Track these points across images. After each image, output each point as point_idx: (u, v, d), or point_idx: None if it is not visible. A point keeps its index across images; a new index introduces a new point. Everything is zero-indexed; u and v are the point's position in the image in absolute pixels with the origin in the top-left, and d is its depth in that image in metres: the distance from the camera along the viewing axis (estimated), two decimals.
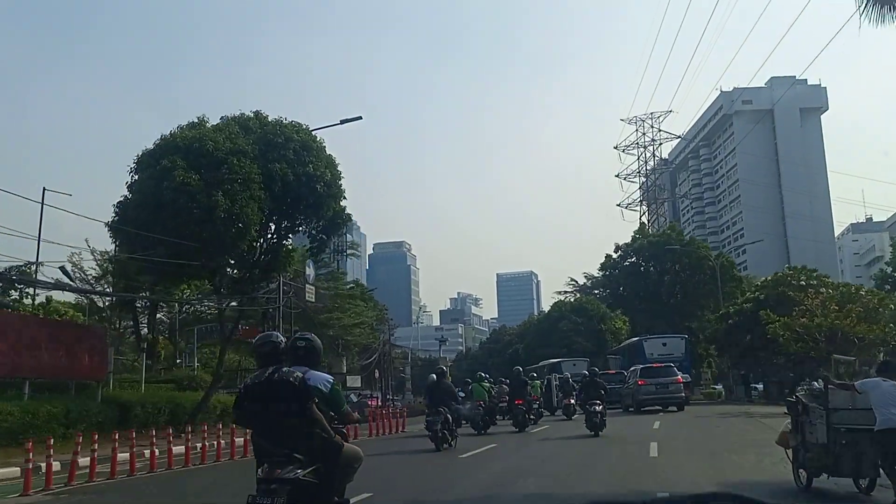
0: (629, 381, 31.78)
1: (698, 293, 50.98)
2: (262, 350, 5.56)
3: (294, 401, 5.26)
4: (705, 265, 49.85)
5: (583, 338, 68.24)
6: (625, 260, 53.15)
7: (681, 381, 29.61)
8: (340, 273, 61.66)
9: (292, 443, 5.26)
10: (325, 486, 5.40)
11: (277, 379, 5.30)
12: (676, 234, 53.94)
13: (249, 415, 5.46)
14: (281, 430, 5.29)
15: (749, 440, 16.27)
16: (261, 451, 5.42)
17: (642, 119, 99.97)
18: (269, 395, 5.30)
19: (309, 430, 5.33)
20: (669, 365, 30.65)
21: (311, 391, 5.41)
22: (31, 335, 20.19)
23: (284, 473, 5.17)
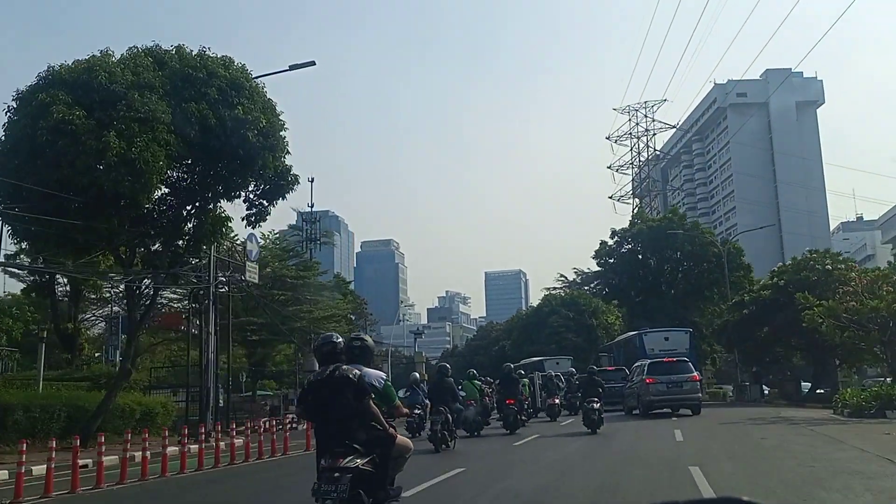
0: (633, 378, 26.55)
1: (702, 283, 45.89)
2: (324, 350, 6.16)
3: (353, 396, 5.81)
4: (710, 252, 44.71)
5: (573, 333, 62.88)
6: (621, 246, 47.85)
7: (697, 379, 24.42)
8: (314, 263, 56.16)
9: (351, 434, 5.75)
10: (380, 475, 5.86)
11: (338, 376, 5.87)
12: (678, 218, 48.61)
13: (312, 409, 6.10)
14: (341, 423, 5.79)
15: (830, 461, 10.97)
16: (322, 442, 5.93)
17: (636, 108, 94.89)
18: (330, 390, 5.86)
19: (366, 422, 5.85)
20: (684, 359, 25.47)
21: (368, 387, 5.98)
22: None
23: (346, 462, 5.62)
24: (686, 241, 45.57)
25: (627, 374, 31.56)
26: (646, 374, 24.55)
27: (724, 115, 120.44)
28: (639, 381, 25.45)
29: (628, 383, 27.56)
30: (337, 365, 5.92)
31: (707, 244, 45.10)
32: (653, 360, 25.74)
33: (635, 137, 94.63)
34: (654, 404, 24.17)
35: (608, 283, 49.31)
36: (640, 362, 26.78)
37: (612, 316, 67.61)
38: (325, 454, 5.77)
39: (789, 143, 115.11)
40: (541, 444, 17.39)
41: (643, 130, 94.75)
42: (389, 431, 6.01)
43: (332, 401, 5.79)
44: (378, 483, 5.82)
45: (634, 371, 26.91)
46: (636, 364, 27.18)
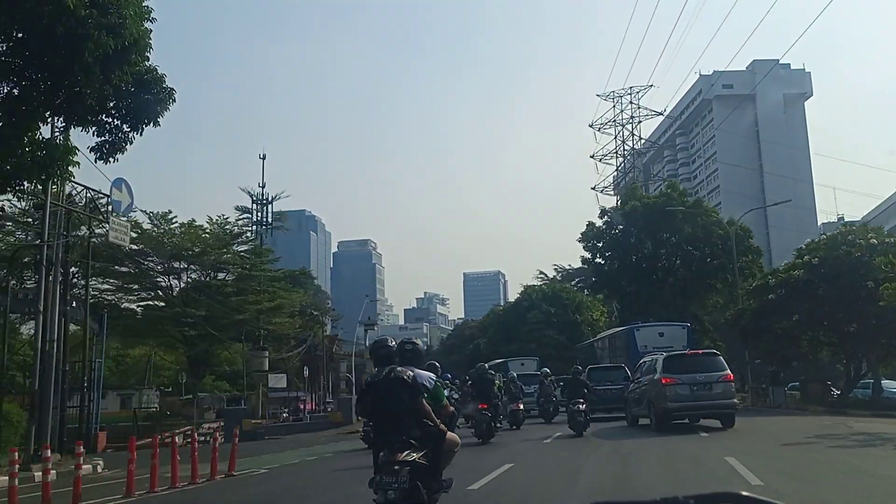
0: (640, 378, 19.77)
1: (704, 270, 39.32)
2: (380, 353, 6.68)
3: (408, 395, 6.25)
4: (714, 234, 38.13)
5: (555, 330, 56.46)
6: (612, 228, 41.05)
7: (731, 379, 17.64)
8: (265, 250, 49.02)
9: (407, 431, 6.18)
10: (432, 468, 6.29)
11: (394, 377, 6.32)
12: (678, 194, 41.87)
13: (371, 408, 6.61)
14: (398, 420, 6.23)
15: None
16: (380, 438, 6.36)
17: (620, 94, 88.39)
18: (387, 390, 6.31)
19: (419, 419, 6.27)
20: (713, 352, 18.65)
21: (421, 387, 6.38)
22: None
23: (404, 457, 5.99)
24: (686, 222, 38.99)
25: (628, 374, 24.90)
26: (661, 371, 17.74)
27: (710, 107, 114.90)
28: (649, 382, 18.66)
29: (631, 384, 20.74)
30: (392, 367, 6.47)
31: (711, 225, 38.48)
32: (671, 354, 18.91)
33: (620, 125, 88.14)
34: (673, 413, 17.39)
35: (597, 270, 42.51)
36: (651, 356, 19.99)
37: (597, 311, 61.19)
38: (383, 449, 6.17)
39: (777, 135, 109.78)
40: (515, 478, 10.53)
41: (628, 118, 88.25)
42: (441, 427, 6.45)
43: (389, 400, 6.32)
44: (431, 475, 6.27)
45: (641, 368, 20.12)
46: (644, 359, 20.38)
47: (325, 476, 13.65)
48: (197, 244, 45.64)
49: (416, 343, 7.14)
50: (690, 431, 17.15)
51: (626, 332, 32.78)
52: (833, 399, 28.38)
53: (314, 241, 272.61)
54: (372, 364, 6.65)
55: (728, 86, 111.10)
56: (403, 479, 5.86)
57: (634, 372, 20.80)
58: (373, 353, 6.86)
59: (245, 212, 49.34)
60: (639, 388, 19.77)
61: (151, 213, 46.23)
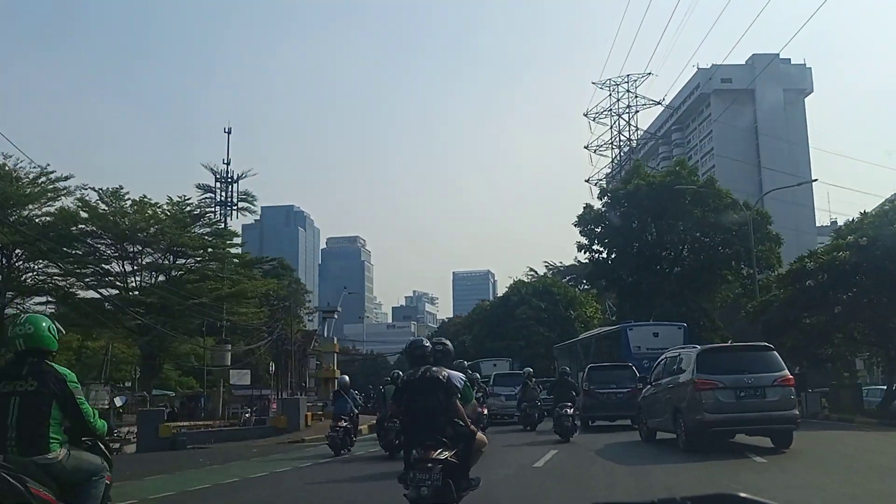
0: (660, 380, 15.10)
1: (715, 259, 34.62)
2: (416, 353, 6.88)
3: (443, 395, 6.43)
4: (727, 218, 33.46)
5: (545, 327, 51.80)
6: (615, 209, 36.13)
7: (791, 383, 12.88)
8: (230, 232, 44.01)
9: (440, 429, 6.33)
10: (462, 466, 6.40)
11: (429, 377, 6.53)
12: (688, 172, 37.09)
13: (406, 406, 6.67)
14: (432, 418, 6.38)
15: None
16: (414, 436, 6.51)
17: (616, 82, 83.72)
18: (422, 390, 6.50)
19: (451, 419, 6.41)
20: (766, 346, 13.79)
21: (455, 387, 6.51)
22: None
23: (437, 455, 6.13)
24: (696, 204, 34.33)
25: (636, 375, 20.55)
26: (694, 370, 13.04)
27: (707, 101, 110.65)
28: (674, 385, 13.97)
29: (647, 387, 16.04)
30: (427, 367, 6.68)
31: (724, 208, 33.76)
32: (708, 347, 14.05)
33: (616, 115, 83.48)
34: (711, 429, 12.67)
35: (594, 258, 37.63)
36: (678, 350, 15.22)
37: (591, 308, 56.58)
38: (416, 447, 6.32)
39: (776, 132, 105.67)
40: None
41: (625, 107, 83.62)
42: (471, 427, 6.59)
43: (424, 399, 6.48)
44: (461, 473, 6.39)
45: (662, 366, 15.42)
46: (667, 355, 15.62)
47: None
48: (152, 224, 40.75)
49: (446, 343, 7.35)
50: (734, 453, 12.51)
51: (618, 332, 28.92)
52: (872, 409, 23.78)
53: (302, 236, 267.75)
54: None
55: (727, 80, 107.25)
56: (436, 477, 6.06)
57: (652, 374, 16.06)
58: (408, 353, 7.16)
59: (207, 191, 44.30)
60: (658, 393, 15.08)
61: (101, 189, 41.42)
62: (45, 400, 4.61)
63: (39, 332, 4.76)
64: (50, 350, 4.91)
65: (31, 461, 4.40)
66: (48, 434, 4.58)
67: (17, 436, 4.47)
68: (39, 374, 4.60)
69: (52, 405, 4.62)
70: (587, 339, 34.90)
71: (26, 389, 4.56)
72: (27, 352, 4.71)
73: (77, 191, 40.43)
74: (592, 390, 21.25)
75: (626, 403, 19.70)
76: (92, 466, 4.79)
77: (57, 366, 4.84)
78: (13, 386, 4.60)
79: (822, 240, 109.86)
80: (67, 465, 4.62)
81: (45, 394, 4.61)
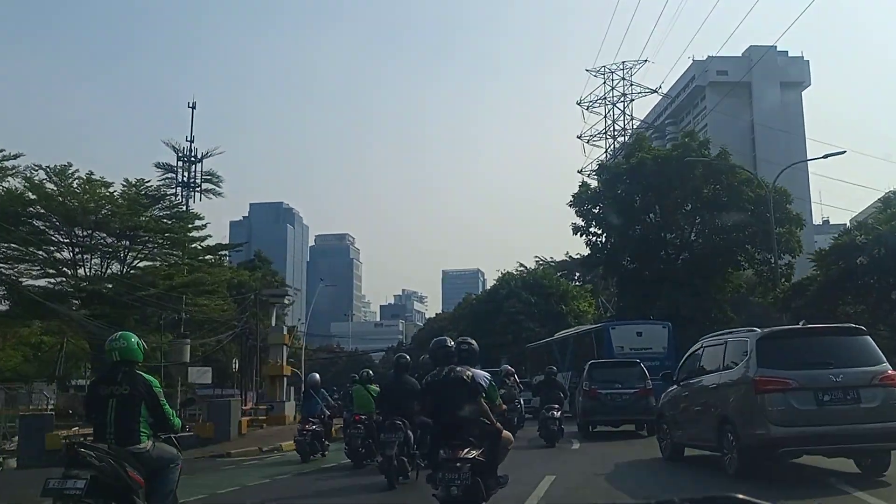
0: (695, 378, 11.05)
1: (729, 242, 30.52)
2: (440, 353, 6.81)
3: (467, 394, 6.43)
4: (743, 197, 29.46)
5: (536, 322, 47.74)
6: (614, 187, 31.88)
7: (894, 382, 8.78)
8: (192, 214, 39.67)
9: (467, 429, 6.30)
10: (490, 464, 6.31)
11: (453, 377, 6.50)
12: (698, 144, 32.59)
13: (431, 406, 6.71)
14: (457, 418, 6.34)
15: None
16: (440, 435, 6.41)
17: (611, 70, 79.83)
18: (447, 389, 6.49)
19: (477, 418, 6.42)
20: (856, 329, 9.60)
21: (480, 387, 6.52)
22: None
23: (465, 454, 6.08)
24: (707, 181, 30.30)
25: (645, 374, 18.05)
26: (755, 364, 9.05)
27: (703, 94, 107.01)
28: (717, 384, 9.98)
29: (672, 388, 12.02)
30: (451, 366, 6.62)
31: (739, 185, 29.65)
32: (771, 333, 9.45)
33: (610, 103, 79.58)
34: (783, 447, 8.65)
35: (591, 242, 33.26)
36: (723, 336, 10.96)
37: (584, 302, 52.64)
38: (443, 446, 6.24)
39: (772, 125, 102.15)
40: None
41: (619, 95, 79.72)
42: (497, 425, 6.57)
43: (449, 398, 6.44)
44: (489, 472, 6.31)
45: (697, 359, 11.40)
46: (704, 343, 11.44)
47: None
48: (103, 205, 36.50)
49: (471, 343, 7.11)
50: (811, 481, 8.57)
51: (600, 331, 26.62)
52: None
53: (291, 234, 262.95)
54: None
55: (722, 72, 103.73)
56: (465, 476, 6.00)
57: (678, 370, 12.02)
58: (433, 353, 6.95)
59: (168, 170, 39.96)
60: (691, 396, 11.08)
61: (49, 167, 37.16)
62: (135, 401, 5.65)
63: (130, 347, 5.80)
64: (137, 360, 5.88)
65: (126, 450, 5.47)
66: (139, 429, 5.64)
67: (114, 430, 5.52)
68: (131, 381, 5.65)
69: (141, 405, 5.68)
70: (564, 338, 31.58)
71: (121, 393, 5.60)
72: (120, 362, 5.76)
73: (27, 171, 36.49)
74: (594, 390, 17.94)
75: (632, 406, 17.45)
76: (170, 455, 5.89)
77: (144, 373, 5.89)
78: (110, 390, 5.68)
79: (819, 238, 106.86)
80: (153, 454, 5.68)
81: (135, 396, 5.66)
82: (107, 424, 5.52)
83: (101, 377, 5.96)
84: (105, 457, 5.19)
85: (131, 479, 5.26)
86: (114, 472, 5.16)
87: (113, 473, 5.16)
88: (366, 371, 14.53)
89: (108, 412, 5.52)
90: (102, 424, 5.53)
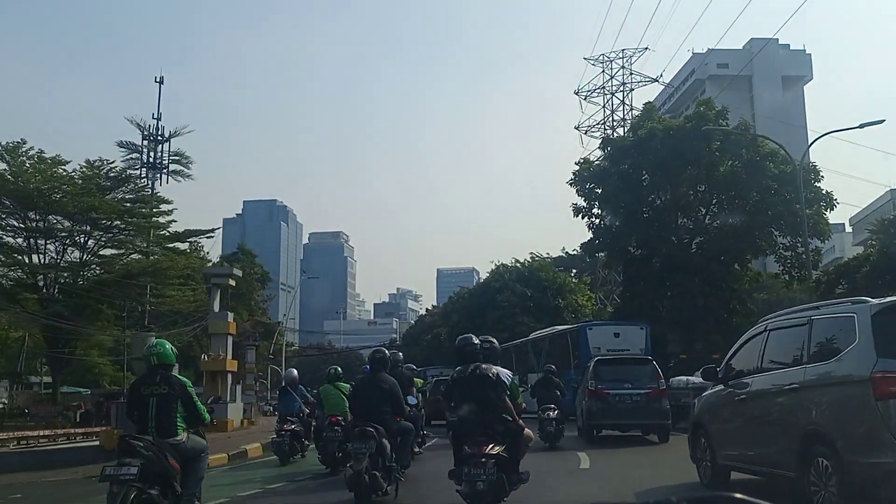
0: (752, 376, 7.67)
1: (753, 224, 26.73)
2: (466, 350, 7.00)
3: (493, 392, 6.60)
4: (766, 173, 25.96)
5: (531, 317, 44.42)
6: (620, 163, 28.36)
7: None
8: (157, 198, 36.17)
9: (491, 425, 6.47)
10: (512, 460, 6.50)
11: (479, 374, 6.67)
12: (715, 114, 28.31)
13: (458, 403, 6.79)
14: (482, 415, 6.52)
15: None
16: (465, 432, 6.52)
17: (610, 58, 76.59)
18: (473, 387, 6.66)
19: (502, 414, 6.59)
20: None
21: (503, 384, 6.69)
22: None
23: (489, 450, 6.20)
24: (726, 155, 26.84)
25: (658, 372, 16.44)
26: (874, 355, 5.71)
27: (703, 87, 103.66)
28: (798, 383, 6.65)
29: (715, 388, 8.73)
30: (477, 364, 6.78)
31: (761, 160, 26.23)
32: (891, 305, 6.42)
33: (609, 93, 76.30)
34: None
35: (593, 225, 29.63)
36: (803, 314, 7.62)
37: (583, 296, 49.36)
38: (467, 442, 6.35)
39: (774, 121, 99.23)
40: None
41: (619, 84, 76.48)
42: (519, 422, 6.71)
43: (474, 395, 6.60)
44: (512, 467, 6.48)
45: (756, 348, 8.07)
46: (768, 326, 8.08)
47: None
48: (58, 187, 33.11)
49: (493, 342, 7.37)
50: None
51: (577, 331, 25.76)
52: None
53: (284, 231, 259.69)
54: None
55: (723, 65, 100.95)
56: (491, 471, 6.08)
57: (726, 360, 8.76)
58: (458, 351, 7.11)
59: (132, 150, 36.41)
60: (748, 400, 7.79)
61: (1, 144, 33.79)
62: (172, 399, 6.44)
63: (165, 352, 6.65)
64: (172, 364, 6.76)
65: (166, 442, 6.25)
66: (176, 423, 6.43)
67: (155, 424, 6.29)
68: (168, 382, 6.46)
69: (178, 403, 6.47)
70: (539, 338, 30.06)
71: (160, 392, 6.38)
72: (158, 366, 6.58)
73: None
74: (601, 391, 15.99)
75: (644, 409, 15.67)
76: (201, 446, 6.72)
77: (178, 375, 6.82)
78: (150, 390, 6.46)
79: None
80: (188, 445, 6.49)
81: (172, 395, 6.44)
82: (148, 420, 6.28)
83: (142, 379, 6.66)
84: (151, 447, 6.02)
85: (171, 467, 6.14)
86: (157, 460, 6.02)
87: (157, 461, 6.01)
88: (334, 368, 13.42)
89: (150, 409, 6.29)
90: (145, 420, 6.29)
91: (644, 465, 11.61)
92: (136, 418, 6.38)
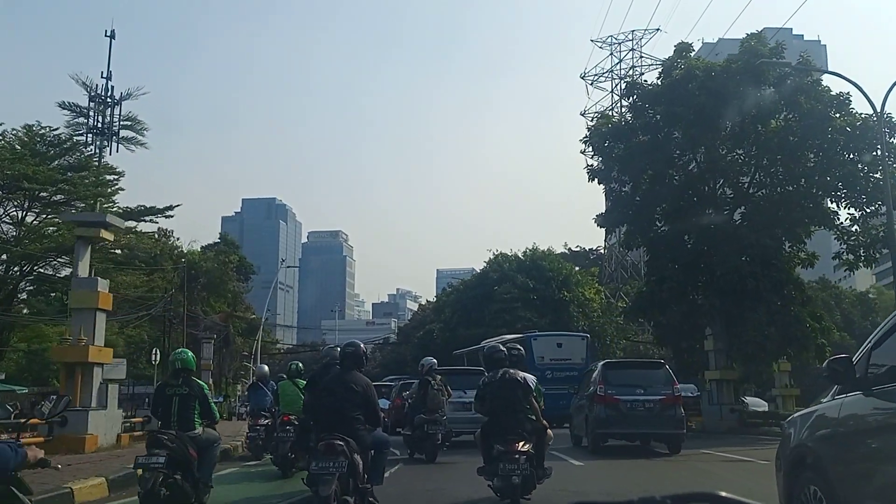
0: None
1: (807, 195, 20.99)
2: (495, 357, 7.79)
3: (522, 394, 7.32)
4: (832, 126, 20.31)
5: (532, 311, 39.30)
6: (645, 116, 23.07)
7: None
8: (104, 166, 30.82)
9: (521, 424, 7.18)
10: (538, 457, 7.26)
11: (508, 378, 7.43)
12: (769, 50, 22.57)
13: (490, 405, 7.49)
14: (512, 415, 7.21)
15: None
16: (497, 431, 7.22)
17: (619, 40, 71.56)
18: (503, 390, 7.37)
19: (529, 415, 7.33)
20: None
21: (531, 387, 7.43)
22: None
23: (521, 447, 6.91)
24: (780, 103, 21.31)
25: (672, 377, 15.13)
26: None
27: None
28: None
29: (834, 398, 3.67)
30: (505, 369, 7.57)
31: (824, 109, 20.68)
32: None
33: (617, 77, 71.21)
34: None
35: (611, 192, 24.01)
36: None
37: (590, 289, 44.16)
38: (498, 441, 7.07)
39: None
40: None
41: (627, 68, 71.46)
42: (543, 422, 7.48)
43: (505, 398, 7.33)
44: (538, 463, 7.22)
45: None
46: None
47: None
48: None
49: (520, 348, 8.36)
50: None
51: (522, 340, 22.85)
52: None
53: (283, 230, 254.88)
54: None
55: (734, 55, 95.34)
56: (524, 466, 6.80)
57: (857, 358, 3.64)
58: (487, 357, 7.93)
59: (78, 112, 31.14)
60: None
61: None
62: (192, 399, 7.45)
63: (188, 359, 7.70)
64: (192, 369, 7.75)
65: (186, 434, 7.21)
66: (194, 419, 7.40)
67: (177, 420, 7.26)
68: (188, 384, 7.47)
69: (196, 402, 7.47)
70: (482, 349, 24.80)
71: (182, 392, 7.38)
72: (181, 369, 7.55)
73: None
74: (611, 397, 14.54)
75: (658, 417, 14.33)
76: (214, 438, 7.72)
77: (197, 379, 7.77)
78: (174, 390, 7.46)
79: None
80: (203, 437, 7.45)
81: (192, 395, 7.45)
82: (171, 415, 7.29)
83: (167, 381, 7.74)
84: (175, 439, 7.02)
85: (190, 456, 7.08)
86: (180, 450, 6.97)
87: (180, 451, 6.96)
88: (295, 363, 12.81)
89: (173, 407, 7.33)
90: (168, 415, 7.30)
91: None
92: (161, 414, 7.39)
